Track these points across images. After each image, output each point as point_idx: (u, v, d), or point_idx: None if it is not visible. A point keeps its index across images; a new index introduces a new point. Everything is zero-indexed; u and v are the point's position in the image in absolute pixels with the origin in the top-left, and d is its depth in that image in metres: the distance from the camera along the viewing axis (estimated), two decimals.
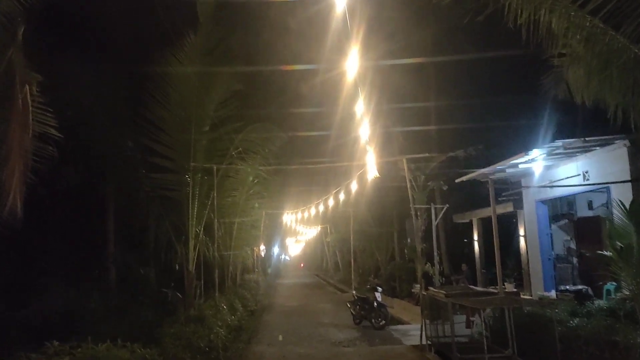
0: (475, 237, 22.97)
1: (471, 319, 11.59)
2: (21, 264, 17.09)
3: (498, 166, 13.52)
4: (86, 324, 11.71)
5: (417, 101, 16.11)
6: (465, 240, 25.95)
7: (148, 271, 16.79)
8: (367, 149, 8.30)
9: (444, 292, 10.24)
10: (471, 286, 13.56)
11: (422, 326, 11.41)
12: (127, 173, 12.90)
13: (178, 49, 11.79)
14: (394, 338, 13.23)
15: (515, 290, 14.80)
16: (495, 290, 11.48)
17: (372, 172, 10.43)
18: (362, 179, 12.68)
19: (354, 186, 13.02)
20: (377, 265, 29.12)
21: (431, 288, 11.62)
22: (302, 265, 79.43)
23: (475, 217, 22.70)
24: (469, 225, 23.39)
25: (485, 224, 22.29)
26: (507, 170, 14.79)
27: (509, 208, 18.97)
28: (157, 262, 16.41)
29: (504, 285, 13.00)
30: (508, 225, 21.41)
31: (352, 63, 5.60)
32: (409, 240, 24.89)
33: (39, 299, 13.46)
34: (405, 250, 25.43)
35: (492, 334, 10.16)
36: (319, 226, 35.95)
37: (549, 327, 8.48)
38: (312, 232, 39.32)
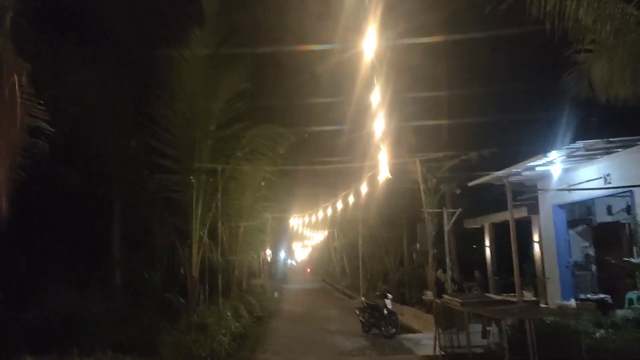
0: (487, 242, 22.39)
1: (488, 328, 11.03)
2: (24, 265, 16.77)
3: (514, 169, 12.98)
4: (88, 328, 11.29)
5: (432, 93, 15.34)
6: (474, 246, 25.37)
7: (152, 275, 16.37)
8: (380, 147, 7.80)
9: (460, 300, 9.70)
10: (487, 294, 12.99)
11: (435, 335, 10.87)
12: (130, 173, 12.43)
13: (183, 45, 11.38)
14: (405, 347, 12.66)
15: (534, 299, 14.20)
16: (514, 299, 10.90)
17: (383, 173, 9.92)
18: (372, 181, 12.16)
19: (363, 188, 12.47)
20: (385, 271, 28.54)
21: (445, 295, 11.07)
22: (308, 270, 78.89)
23: (487, 222, 22.13)
24: (479, 231, 22.81)
25: (498, 229, 21.73)
26: (523, 173, 14.24)
27: (523, 213, 18.38)
28: (162, 265, 15.96)
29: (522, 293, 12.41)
30: (521, 231, 20.80)
31: (370, 43, 5.12)
32: (418, 245, 24.34)
33: (41, 302, 13.08)
34: (414, 255, 24.87)
35: (511, 344, 9.60)
36: (326, 231, 35.40)
37: (574, 338, 7.94)
38: (319, 237, 38.78)
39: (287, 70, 14.81)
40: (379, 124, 6.95)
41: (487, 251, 22.32)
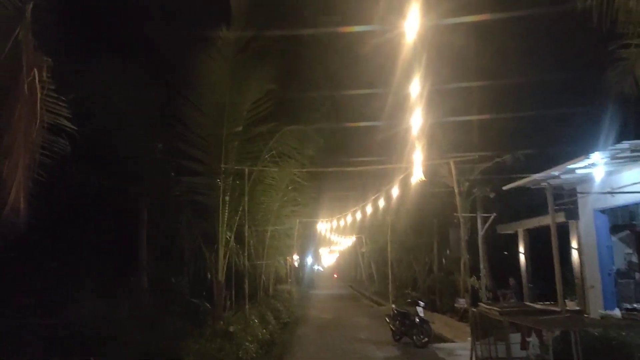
0: (521, 249, 21.58)
1: (527, 339, 10.42)
2: (53, 270, 16.77)
3: (552, 172, 12.37)
4: (113, 335, 11.10)
5: (468, 83, 14.48)
6: (505, 252, 24.57)
7: (179, 280, 16.18)
8: (415, 145, 7.36)
9: (498, 309, 9.17)
10: (526, 303, 12.35)
11: (471, 346, 10.34)
12: (157, 176, 12.26)
13: (210, 44, 11.15)
14: (438, 358, 12.13)
15: (578, 308, 13.50)
16: (556, 308, 10.30)
17: (417, 174, 9.45)
18: (404, 184, 11.70)
19: (395, 192, 12.01)
20: (414, 278, 27.92)
21: (481, 304, 10.53)
22: (335, 276, 78.42)
23: (521, 227, 21.33)
24: (511, 237, 22.01)
25: (533, 235, 20.96)
26: (562, 176, 13.60)
27: (560, 218, 17.58)
28: (189, 270, 15.76)
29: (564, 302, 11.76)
30: (559, 237, 19.96)
31: (412, 23, 4.71)
32: (448, 251, 23.70)
33: (68, 307, 12.98)
34: (443, 261, 24.24)
35: (555, 357, 9.02)
36: (354, 236, 34.91)
37: (625, 352, 7.35)
38: (346, 242, 38.30)
39: (318, 63, 14.41)
40: (416, 120, 6.53)
41: (522, 258, 21.53)
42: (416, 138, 7.13)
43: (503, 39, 13.05)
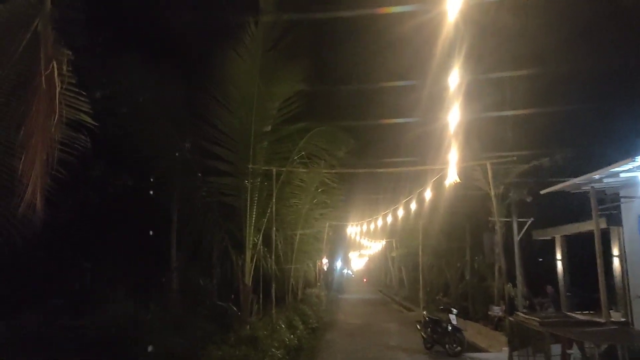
0: (559, 256, 20.74)
1: (568, 351, 9.85)
2: (86, 271, 16.85)
3: (595, 175, 11.73)
4: (141, 338, 10.97)
5: (505, 73, 13.59)
6: (540, 259, 23.72)
7: (207, 282, 16.02)
8: (451, 144, 6.92)
9: (538, 319, 8.64)
10: (568, 313, 11.63)
11: (509, 357, 9.81)
12: (184, 176, 12.08)
13: (238, 41, 10.92)
14: None
15: (623, 320, 12.76)
16: (600, 320, 9.68)
17: (451, 176, 9.00)
18: (437, 186, 11.23)
19: (427, 194, 11.55)
20: (445, 283, 27.24)
21: (519, 313, 9.99)
22: (365, 280, 77.87)
23: (558, 234, 20.50)
24: (547, 243, 21.17)
25: (571, 242, 20.13)
26: (605, 180, 12.92)
27: (601, 224, 16.78)
28: (216, 273, 15.60)
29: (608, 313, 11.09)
30: (604, 243, 19.12)
31: (454, 2, 4.32)
32: (480, 257, 23.00)
33: (99, 308, 12.96)
34: (475, 266, 23.52)
35: None
36: (384, 240, 34.36)
37: None
38: (376, 247, 37.77)
39: (349, 59, 14.00)
40: (454, 116, 6.10)
41: (559, 265, 20.69)
42: (453, 136, 6.69)
43: (554, 20, 12.17)
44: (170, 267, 15.41)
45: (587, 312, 15.52)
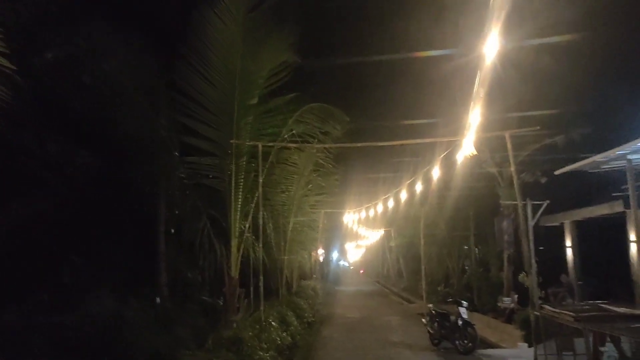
0: (568, 243, 19.50)
1: (601, 348, 8.59)
2: (69, 265, 15.55)
3: (619, 151, 10.49)
4: (123, 337, 9.74)
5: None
6: (540, 247, 22.56)
7: (196, 275, 14.72)
8: (475, 103, 5.58)
9: (573, 313, 7.35)
10: (602, 305, 10.29)
11: (534, 355, 8.55)
12: (161, 157, 10.68)
13: (218, 2, 9.50)
14: None
15: None
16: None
17: (467, 147, 7.68)
18: (444, 166, 9.90)
19: (434, 173, 10.20)
20: (446, 274, 26.04)
21: (547, 306, 8.72)
22: (362, 271, 77.02)
23: (568, 219, 19.25)
24: (554, 230, 19.92)
25: (583, 227, 18.91)
26: (630, 157, 11.71)
27: (617, 207, 15.54)
28: (203, 265, 14.23)
29: None
30: (614, 228, 17.89)
31: None
32: (487, 244, 21.77)
33: (83, 303, 11.73)
34: (479, 255, 22.32)
35: None
36: (382, 229, 33.11)
37: None
38: (374, 237, 36.52)
39: (344, 21, 12.60)
40: (483, 77, 4.74)
41: (569, 253, 19.46)
42: (476, 97, 5.35)
43: None
44: (158, 259, 14.00)
45: (600, 302, 14.34)
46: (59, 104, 8.99)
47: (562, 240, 19.60)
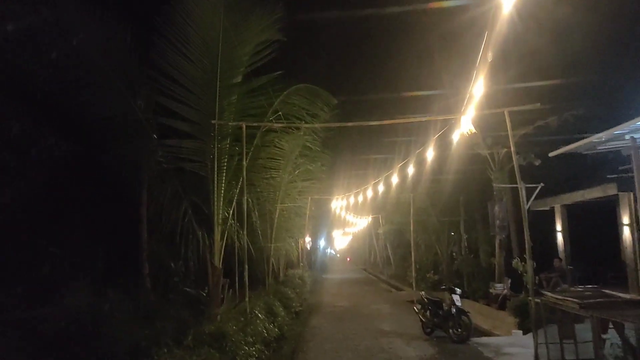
0: (559, 227, 19.23)
1: (603, 336, 8.22)
2: (49, 256, 14.84)
3: (616, 131, 10.11)
4: (100, 333, 9.15)
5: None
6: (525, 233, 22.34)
7: (180, 265, 14.10)
8: (479, 73, 5.04)
9: (578, 300, 6.94)
10: (606, 291, 9.93)
11: (534, 344, 8.15)
12: (137, 139, 10.00)
13: None
14: (484, 357, 9.91)
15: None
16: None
17: (466, 124, 7.18)
18: (441, 144, 9.41)
19: (429, 154, 9.69)
20: (436, 261, 25.70)
21: (547, 293, 8.31)
22: (348, 259, 76.99)
23: (557, 203, 18.97)
24: (542, 214, 19.60)
25: (573, 211, 18.65)
26: (615, 142, 11.41)
27: (610, 190, 15.23)
28: (186, 254, 13.63)
29: None
30: (604, 212, 17.65)
31: None
32: (478, 230, 21.44)
33: (61, 296, 11.10)
34: (464, 242, 22.00)
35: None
36: (370, 216, 32.71)
37: None
38: (361, 223, 36.11)
39: None
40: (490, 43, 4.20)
41: (559, 237, 19.19)
42: (482, 58, 4.82)
43: None
44: (139, 248, 13.33)
45: (591, 286, 14.05)
46: (21, 81, 8.29)
47: (552, 225, 19.34)
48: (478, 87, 5.38)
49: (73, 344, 8.84)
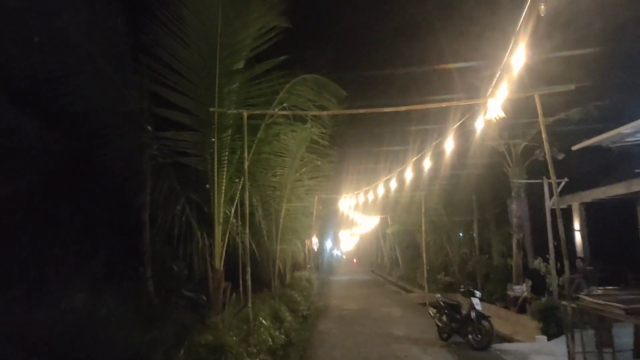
0: (577, 226, 18.38)
1: None
2: (49, 257, 14.26)
3: None
4: (98, 335, 8.49)
5: None
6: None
7: (181, 267, 13.40)
8: (515, 46, 4.26)
9: (622, 305, 6.13)
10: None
11: (570, 354, 7.34)
12: (130, 132, 9.27)
13: None
14: None
15: None
16: None
17: (494, 109, 6.39)
18: (461, 133, 8.61)
19: (448, 145, 8.88)
20: (445, 261, 24.87)
21: (584, 296, 7.51)
22: (355, 261, 76.37)
23: (576, 201, 18.13)
24: (562, 212, 18.78)
25: (593, 210, 17.82)
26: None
27: (634, 187, 14.41)
28: (186, 255, 12.90)
29: None
30: (626, 210, 16.81)
31: None
32: (491, 229, 20.60)
33: (53, 301, 10.46)
34: (475, 241, 21.15)
35: None
36: (378, 216, 31.88)
37: None
38: (369, 224, 35.28)
39: None
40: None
41: (577, 236, 18.33)
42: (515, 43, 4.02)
43: None
44: (142, 249, 12.61)
45: (612, 287, 13.24)
46: None
47: (570, 223, 18.48)
48: (518, 57, 4.58)
49: (69, 349, 8.29)
